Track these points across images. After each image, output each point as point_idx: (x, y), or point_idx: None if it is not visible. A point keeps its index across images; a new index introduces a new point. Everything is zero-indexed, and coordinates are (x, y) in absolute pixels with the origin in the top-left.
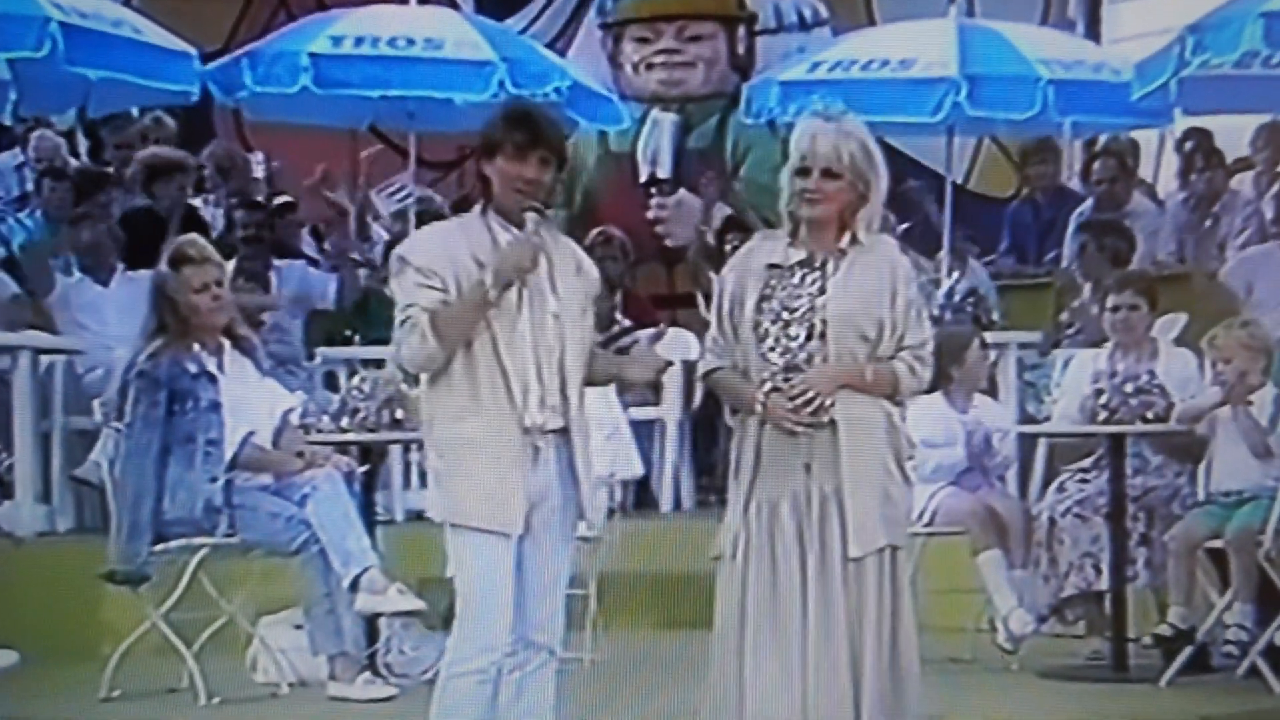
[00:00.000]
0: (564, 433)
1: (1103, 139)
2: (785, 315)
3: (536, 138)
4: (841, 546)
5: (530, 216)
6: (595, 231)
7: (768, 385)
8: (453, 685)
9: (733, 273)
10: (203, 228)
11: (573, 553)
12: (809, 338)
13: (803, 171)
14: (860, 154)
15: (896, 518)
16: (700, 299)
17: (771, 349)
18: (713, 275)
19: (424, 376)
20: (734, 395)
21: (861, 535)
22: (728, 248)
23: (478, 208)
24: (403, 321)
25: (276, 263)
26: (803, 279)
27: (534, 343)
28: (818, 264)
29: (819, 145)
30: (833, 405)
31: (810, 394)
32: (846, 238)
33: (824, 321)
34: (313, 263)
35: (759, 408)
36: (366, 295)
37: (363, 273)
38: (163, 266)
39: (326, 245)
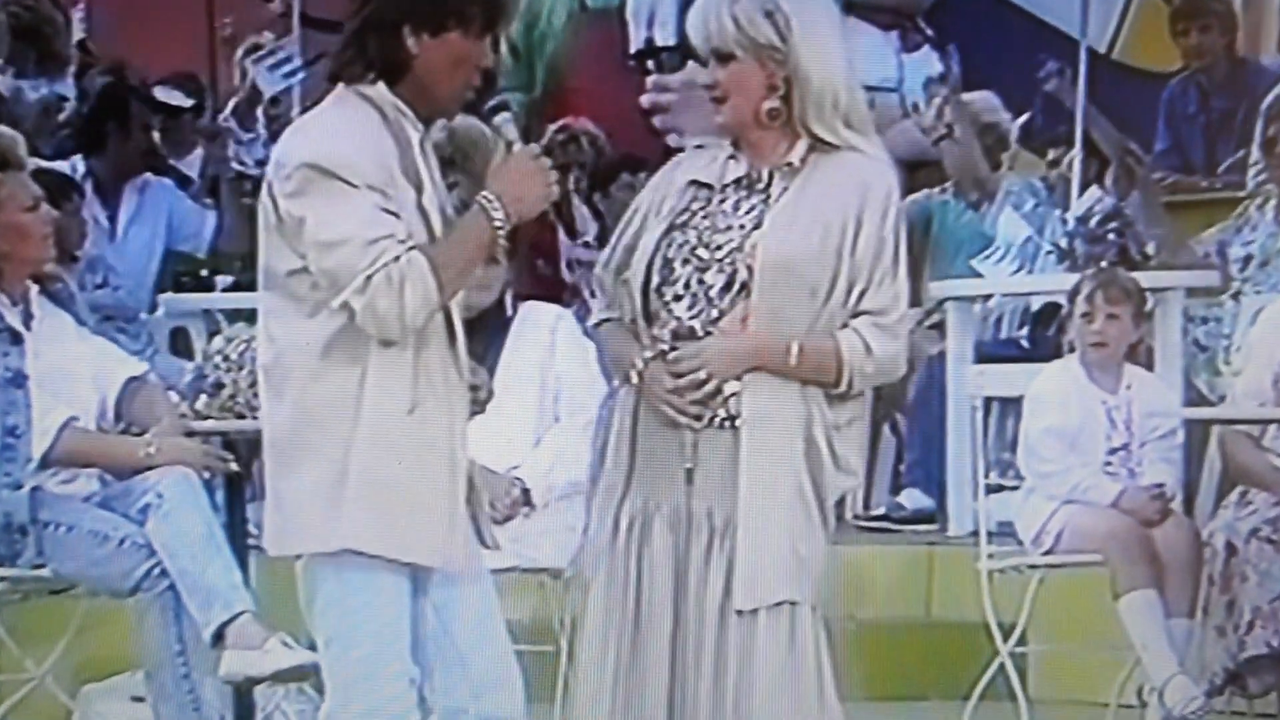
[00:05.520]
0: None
1: None
2: (703, 254)
3: (506, 9)
4: (727, 595)
5: (504, 118)
6: (554, 127)
7: (655, 349)
8: None
9: (651, 192)
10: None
11: (492, 588)
12: (728, 287)
13: (706, 63)
14: (758, 17)
15: (807, 564)
16: None
17: (678, 299)
18: None
19: (337, 351)
20: (613, 357)
21: (755, 582)
22: None
23: (370, 92)
24: (378, 267)
25: (140, 177)
26: (737, 205)
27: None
28: (760, 185)
29: (699, 20)
30: (735, 394)
31: (702, 372)
32: (801, 145)
33: (749, 268)
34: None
35: (634, 377)
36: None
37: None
38: None
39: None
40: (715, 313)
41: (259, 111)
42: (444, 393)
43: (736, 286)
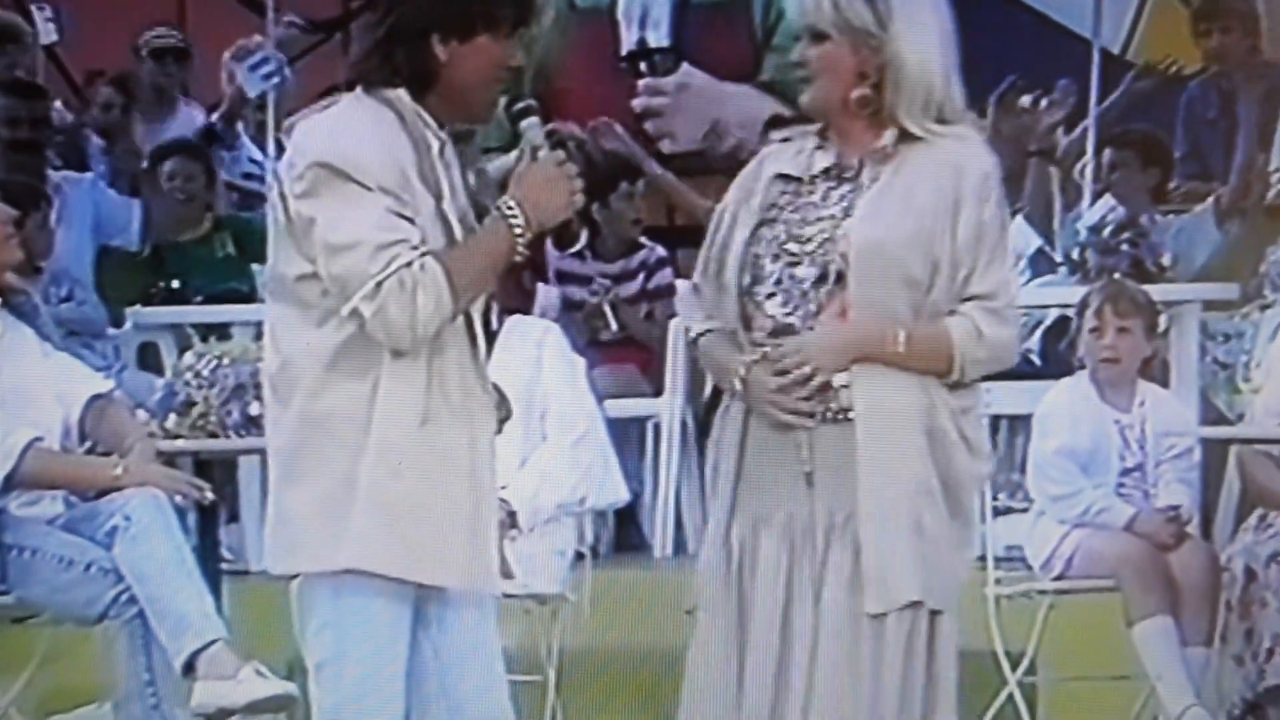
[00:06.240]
0: None
1: None
2: (793, 248)
3: (535, 5)
4: (851, 597)
5: (531, 123)
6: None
7: (756, 352)
8: None
9: (736, 190)
10: None
11: (494, 621)
12: (821, 280)
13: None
14: (859, 0)
15: (938, 564)
16: None
17: (770, 296)
18: None
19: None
20: (716, 368)
21: (886, 583)
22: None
23: (389, 94)
24: (390, 272)
25: (56, 175)
26: (826, 195)
27: None
28: (849, 174)
29: None
30: (844, 386)
31: (806, 366)
32: (890, 133)
33: (844, 257)
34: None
35: (738, 385)
36: (215, 228)
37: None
38: None
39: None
40: (812, 307)
41: (240, 125)
42: (461, 404)
43: (831, 278)
